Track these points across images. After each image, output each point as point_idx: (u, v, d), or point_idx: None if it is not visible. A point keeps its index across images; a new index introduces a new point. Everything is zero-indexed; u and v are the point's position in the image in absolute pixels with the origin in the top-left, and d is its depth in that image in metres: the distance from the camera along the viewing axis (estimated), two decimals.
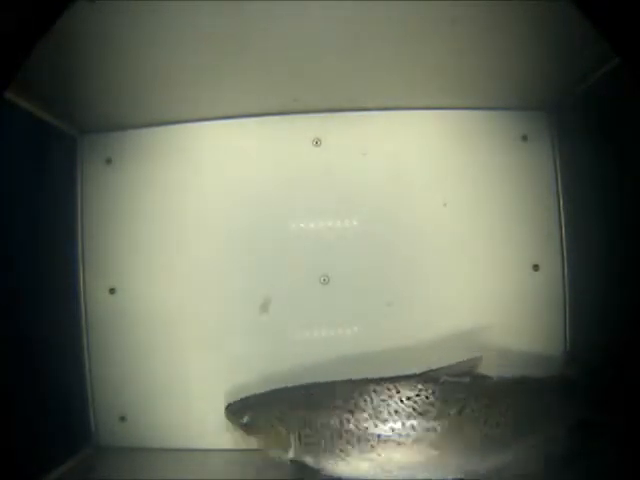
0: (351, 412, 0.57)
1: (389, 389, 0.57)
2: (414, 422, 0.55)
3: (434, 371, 0.58)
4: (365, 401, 0.57)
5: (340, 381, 0.60)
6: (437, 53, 0.59)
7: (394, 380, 0.58)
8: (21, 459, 0.56)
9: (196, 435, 0.71)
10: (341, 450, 0.56)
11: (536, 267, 0.72)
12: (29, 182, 0.64)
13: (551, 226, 0.73)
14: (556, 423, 0.56)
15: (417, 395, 0.56)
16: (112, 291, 0.74)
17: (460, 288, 0.72)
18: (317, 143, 0.74)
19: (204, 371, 0.72)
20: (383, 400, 0.57)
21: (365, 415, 0.56)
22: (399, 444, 0.55)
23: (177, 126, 0.74)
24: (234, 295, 0.73)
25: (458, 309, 0.72)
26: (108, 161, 0.75)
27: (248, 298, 0.72)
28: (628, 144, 0.58)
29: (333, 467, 0.56)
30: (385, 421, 0.56)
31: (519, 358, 0.68)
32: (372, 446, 0.55)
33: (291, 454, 0.58)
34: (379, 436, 0.55)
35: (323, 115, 0.74)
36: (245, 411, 0.62)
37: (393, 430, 0.55)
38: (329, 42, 0.55)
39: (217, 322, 0.72)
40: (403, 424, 0.55)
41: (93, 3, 0.45)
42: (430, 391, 0.56)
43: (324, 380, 0.62)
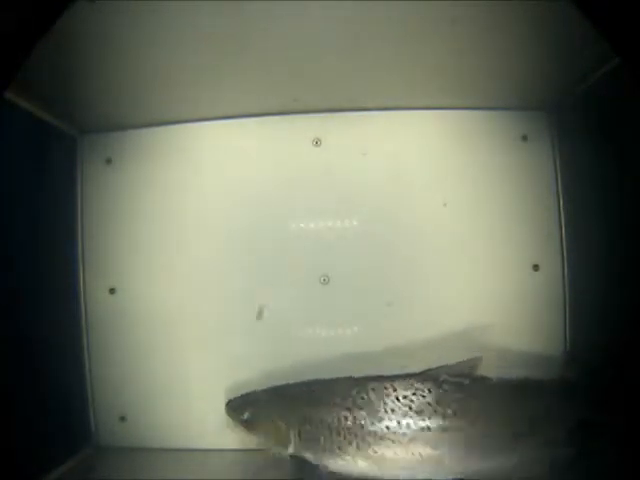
0: (349, 409, 0.57)
1: (386, 387, 0.57)
2: (410, 421, 0.55)
3: (433, 370, 0.58)
4: (362, 399, 0.57)
5: (340, 378, 0.60)
6: (437, 53, 0.59)
7: (392, 379, 0.58)
8: (21, 459, 0.56)
9: (196, 435, 0.71)
10: (339, 447, 0.56)
11: (536, 267, 0.72)
12: (29, 182, 0.64)
13: (551, 226, 0.73)
14: (556, 423, 0.55)
15: (413, 394, 0.56)
16: (112, 291, 0.74)
17: (460, 288, 0.72)
18: (317, 143, 0.74)
19: (204, 371, 0.72)
20: (380, 398, 0.57)
21: (362, 412, 0.56)
22: (394, 442, 0.55)
23: (177, 126, 0.74)
24: (234, 295, 0.73)
25: (458, 309, 0.71)
26: (108, 161, 0.75)
27: (248, 298, 0.72)
28: (628, 144, 0.58)
29: (332, 463, 0.57)
30: (381, 419, 0.56)
31: (519, 358, 0.68)
32: (368, 443, 0.55)
33: (291, 450, 0.58)
34: (375, 434, 0.56)
35: (323, 115, 0.74)
36: (246, 407, 0.62)
37: (388, 428, 0.55)
38: (329, 42, 0.55)
39: (217, 322, 0.72)
40: (399, 422, 0.55)
41: (93, 3, 0.45)
42: (427, 390, 0.56)
43: None
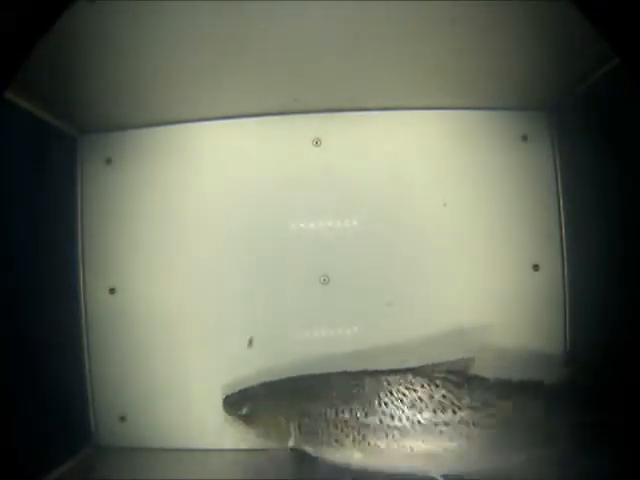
0: (345, 402, 0.58)
1: (380, 381, 0.58)
2: (402, 414, 0.56)
3: (428, 366, 0.59)
4: (358, 392, 0.58)
5: (337, 372, 0.61)
6: (437, 53, 0.59)
7: (387, 373, 0.59)
8: (21, 459, 0.56)
9: (196, 435, 0.71)
10: (336, 440, 0.57)
11: (536, 267, 0.72)
12: (29, 182, 0.64)
13: (551, 226, 0.73)
14: (555, 424, 0.56)
15: (407, 388, 0.57)
16: (112, 291, 0.74)
17: (460, 288, 0.72)
18: (317, 143, 0.74)
19: (204, 371, 0.72)
20: (374, 392, 0.58)
21: (358, 406, 0.57)
22: (387, 435, 0.56)
23: (177, 126, 0.74)
24: (234, 295, 0.73)
25: (458, 309, 0.71)
26: (108, 161, 0.75)
27: (248, 298, 0.72)
28: (628, 144, 0.58)
29: (331, 456, 0.58)
30: (375, 413, 0.57)
31: (519, 358, 0.68)
32: (364, 436, 0.56)
33: (291, 443, 0.59)
34: (370, 426, 0.56)
35: (323, 115, 0.74)
36: (244, 402, 0.63)
37: (381, 422, 0.56)
38: (329, 42, 0.56)
39: (217, 322, 0.72)
40: (392, 416, 0.56)
41: (93, 3, 0.45)
42: (420, 385, 0.57)
43: None
